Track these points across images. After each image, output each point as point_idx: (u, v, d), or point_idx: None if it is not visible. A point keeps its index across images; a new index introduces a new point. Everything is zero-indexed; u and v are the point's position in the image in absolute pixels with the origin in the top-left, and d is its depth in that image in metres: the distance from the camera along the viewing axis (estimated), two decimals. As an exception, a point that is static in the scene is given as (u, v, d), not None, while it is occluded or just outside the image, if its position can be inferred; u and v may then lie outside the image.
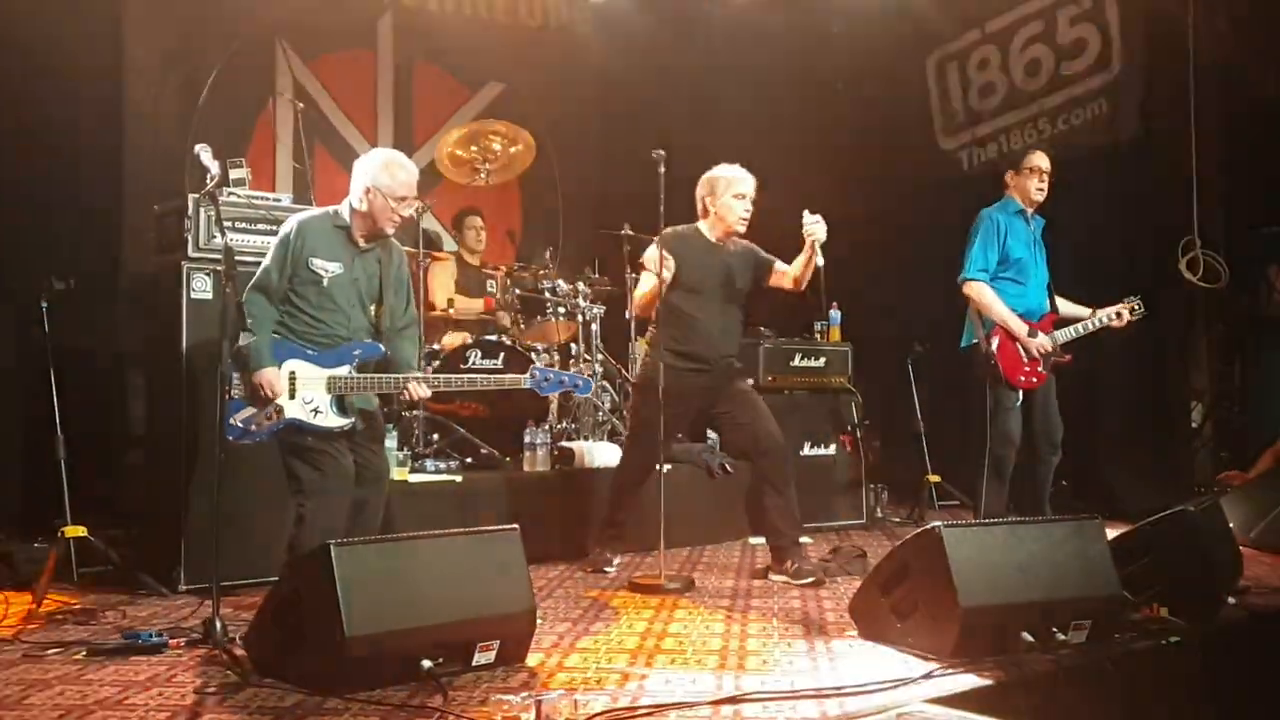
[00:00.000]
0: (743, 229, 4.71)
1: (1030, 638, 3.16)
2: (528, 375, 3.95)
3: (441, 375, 3.99)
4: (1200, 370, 6.71)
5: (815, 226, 4.51)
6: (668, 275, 4.52)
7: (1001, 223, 4.97)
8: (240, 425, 3.68)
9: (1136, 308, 5.14)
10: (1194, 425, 6.69)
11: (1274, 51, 6.53)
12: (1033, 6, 7.25)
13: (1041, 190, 5.01)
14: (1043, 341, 4.87)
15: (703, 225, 4.74)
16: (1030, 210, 5.06)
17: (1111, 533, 3.70)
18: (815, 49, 8.04)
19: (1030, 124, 7.26)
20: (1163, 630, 3.40)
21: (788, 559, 4.58)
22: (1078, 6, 6.98)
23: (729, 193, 4.66)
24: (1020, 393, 4.87)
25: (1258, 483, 5.68)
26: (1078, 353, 5.02)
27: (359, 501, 3.81)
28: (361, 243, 3.83)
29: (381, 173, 3.75)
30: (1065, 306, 5.13)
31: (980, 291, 4.90)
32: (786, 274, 4.71)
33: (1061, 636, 3.21)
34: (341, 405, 3.75)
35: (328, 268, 3.75)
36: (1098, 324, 5.06)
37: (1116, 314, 5.09)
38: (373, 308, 3.90)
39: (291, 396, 3.69)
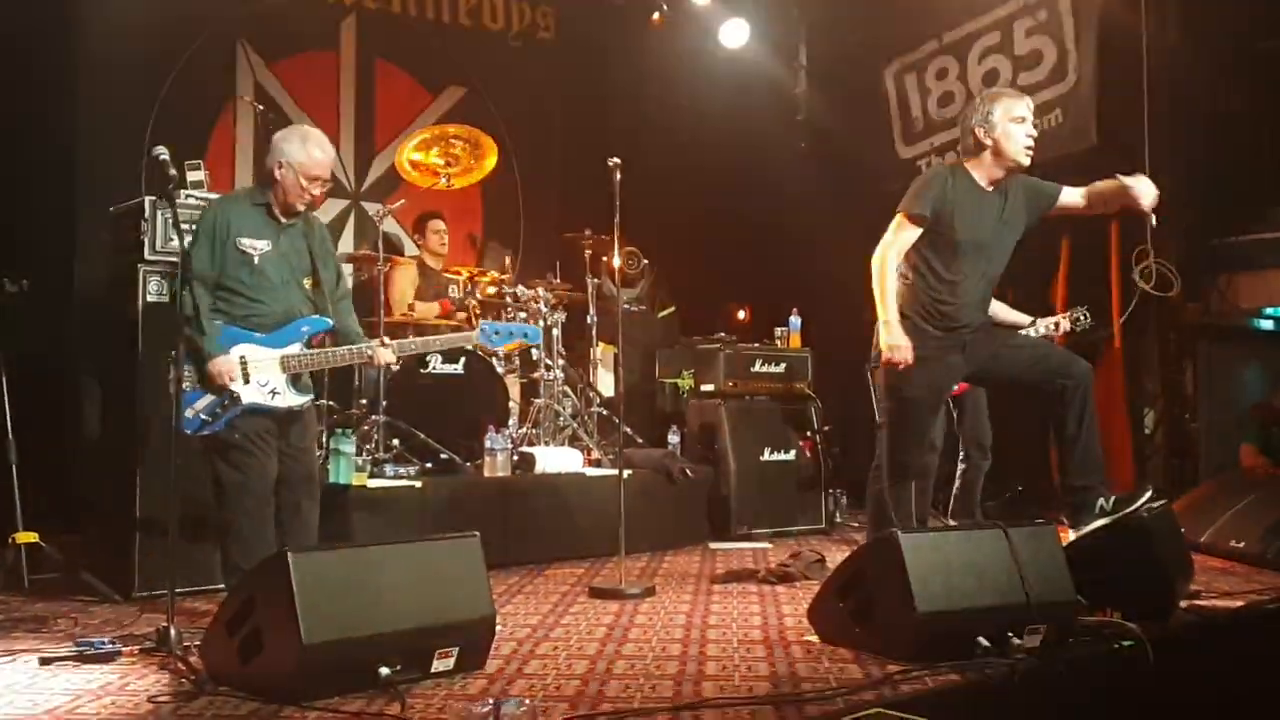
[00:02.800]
0: (1027, 161, 3.95)
1: (986, 642, 3.19)
2: (477, 330, 3.97)
3: (400, 341, 3.95)
4: (1152, 377, 6.83)
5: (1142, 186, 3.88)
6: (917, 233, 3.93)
7: None
8: (198, 417, 3.64)
9: (1081, 319, 5.20)
10: (1147, 432, 6.80)
11: (1225, 64, 6.66)
12: (989, 18, 7.34)
13: None
14: None
15: (971, 166, 4.00)
16: None
17: (1066, 538, 3.76)
18: (776, 56, 8.11)
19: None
20: (1117, 635, 3.44)
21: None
22: (1034, 19, 7.08)
23: (1006, 118, 3.92)
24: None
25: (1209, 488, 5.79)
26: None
27: (292, 505, 3.81)
28: (283, 219, 3.81)
29: (298, 149, 3.74)
30: (1004, 313, 5.16)
31: None
32: (1080, 194, 4.05)
33: (1017, 641, 3.24)
34: (297, 383, 3.76)
35: (256, 245, 3.72)
36: (1036, 333, 5.12)
37: (1055, 324, 5.15)
38: (307, 283, 3.86)
39: (245, 381, 3.66)
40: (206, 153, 6.54)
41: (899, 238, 3.97)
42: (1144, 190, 3.87)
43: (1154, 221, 3.93)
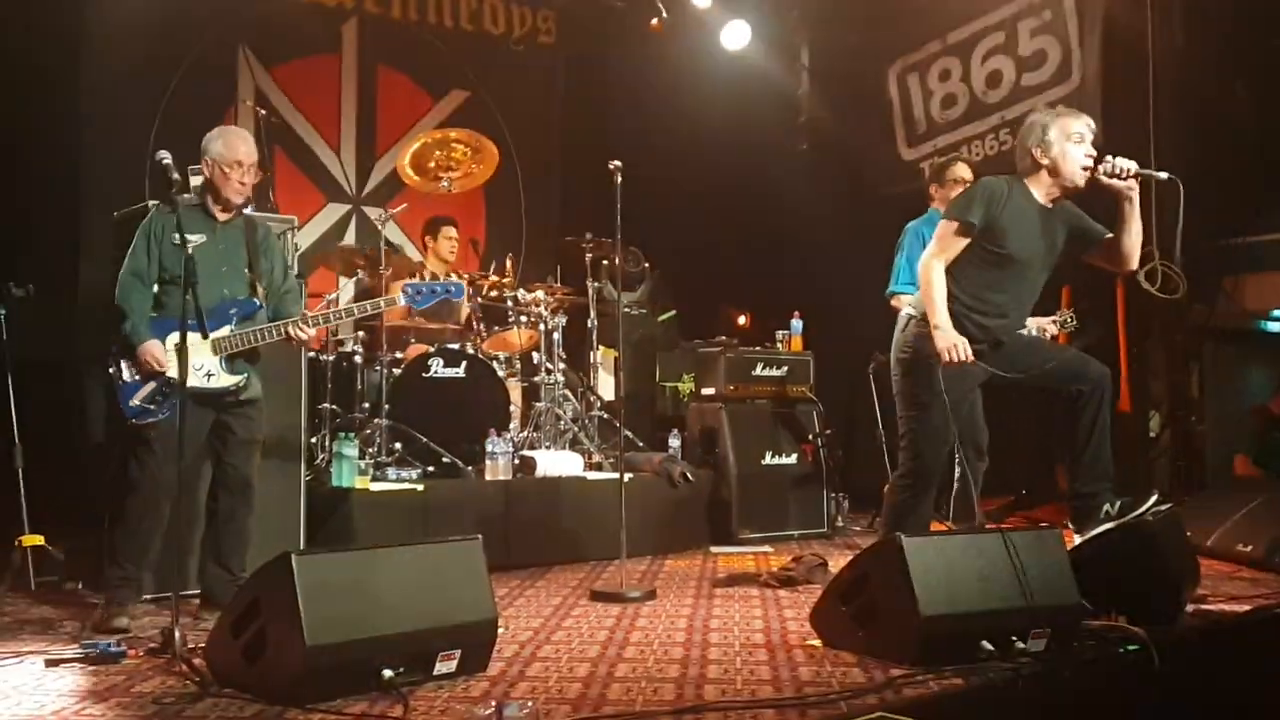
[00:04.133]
0: (1083, 182, 3.85)
1: (990, 646, 3.18)
2: (399, 294, 4.06)
3: (319, 313, 4.02)
4: (1158, 380, 6.81)
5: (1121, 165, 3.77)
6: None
7: (925, 235, 4.96)
8: (139, 405, 3.76)
9: (1067, 321, 5.21)
10: (1152, 435, 6.78)
11: (1231, 63, 6.65)
12: (993, 18, 7.34)
13: None
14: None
15: (1030, 183, 3.93)
16: None
17: (1070, 542, 3.75)
18: (778, 57, 8.11)
19: (991, 134, 7.35)
20: (1121, 639, 3.43)
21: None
22: (1038, 19, 7.08)
23: (1064, 138, 3.83)
24: None
25: (1213, 491, 5.78)
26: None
27: (227, 511, 3.94)
28: (219, 215, 3.97)
29: (217, 144, 3.94)
30: None
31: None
32: (1114, 254, 3.95)
33: (1021, 645, 3.23)
34: (232, 365, 3.87)
35: (190, 239, 3.76)
36: (1027, 334, 5.11)
37: (1042, 328, 5.15)
38: (248, 274, 3.98)
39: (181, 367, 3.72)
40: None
41: (947, 247, 3.91)
42: (1120, 165, 3.77)
43: (1163, 175, 3.83)
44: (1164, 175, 3.82)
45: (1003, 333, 3.99)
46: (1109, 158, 3.82)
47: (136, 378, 3.77)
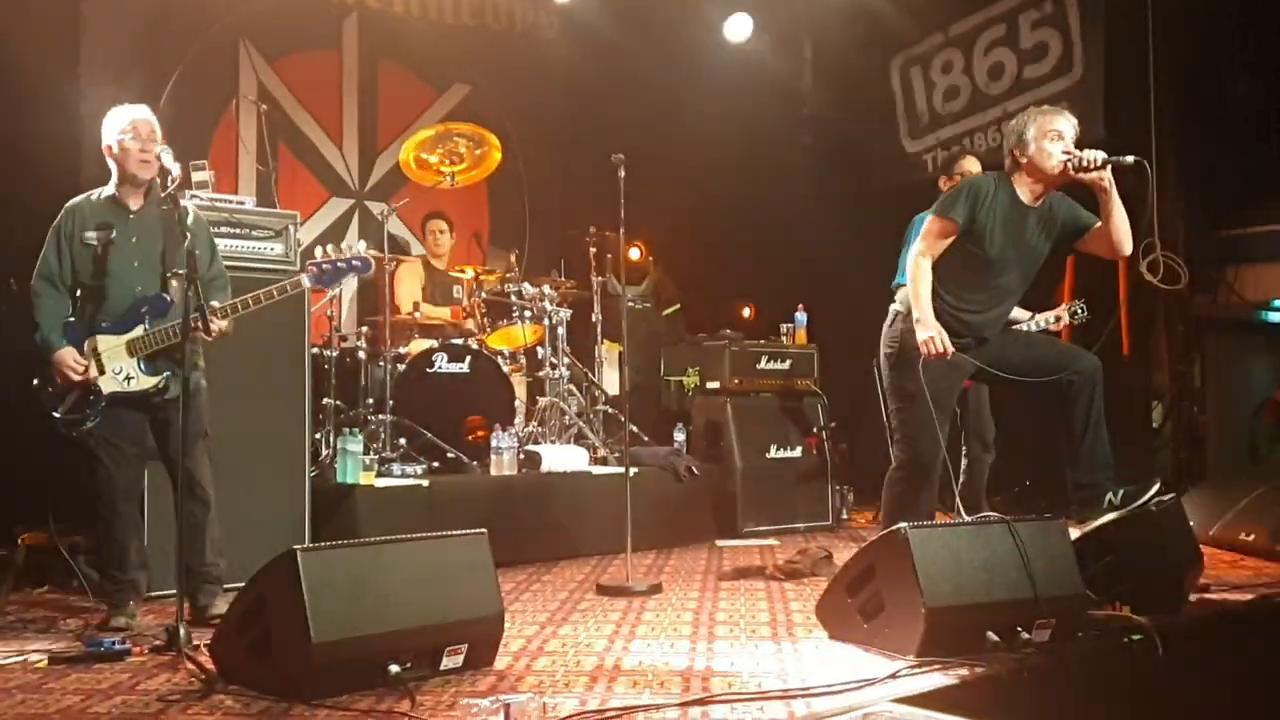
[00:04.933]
0: (1058, 176, 3.88)
1: (995, 637, 3.19)
2: (304, 274, 3.87)
3: (228, 304, 3.78)
4: (1160, 371, 6.81)
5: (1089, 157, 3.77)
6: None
7: None
8: (69, 415, 3.69)
9: (1078, 312, 5.21)
10: (1155, 425, 6.79)
11: (1232, 55, 6.64)
12: (995, 10, 7.33)
13: None
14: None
15: (1015, 181, 3.96)
16: None
17: (1074, 532, 3.75)
18: (781, 50, 8.10)
19: (994, 126, 7.33)
20: (1125, 628, 3.44)
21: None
22: (1039, 11, 7.07)
23: (1042, 136, 3.87)
24: None
25: (1216, 480, 5.78)
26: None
27: (185, 513, 3.63)
28: (131, 204, 3.81)
29: (110, 122, 3.79)
30: None
31: None
32: (1105, 242, 3.96)
33: (1025, 635, 3.24)
34: (152, 365, 3.72)
35: (98, 236, 3.74)
36: (1036, 327, 5.12)
37: (1056, 318, 5.16)
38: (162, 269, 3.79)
39: (101, 372, 3.69)
40: (210, 152, 6.54)
41: (933, 244, 3.96)
42: (1088, 157, 3.78)
43: (1130, 159, 3.81)
44: (1131, 160, 3.84)
45: (986, 328, 4.03)
46: (1077, 152, 3.84)
47: (57, 390, 3.69)
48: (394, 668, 2.88)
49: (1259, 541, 4.85)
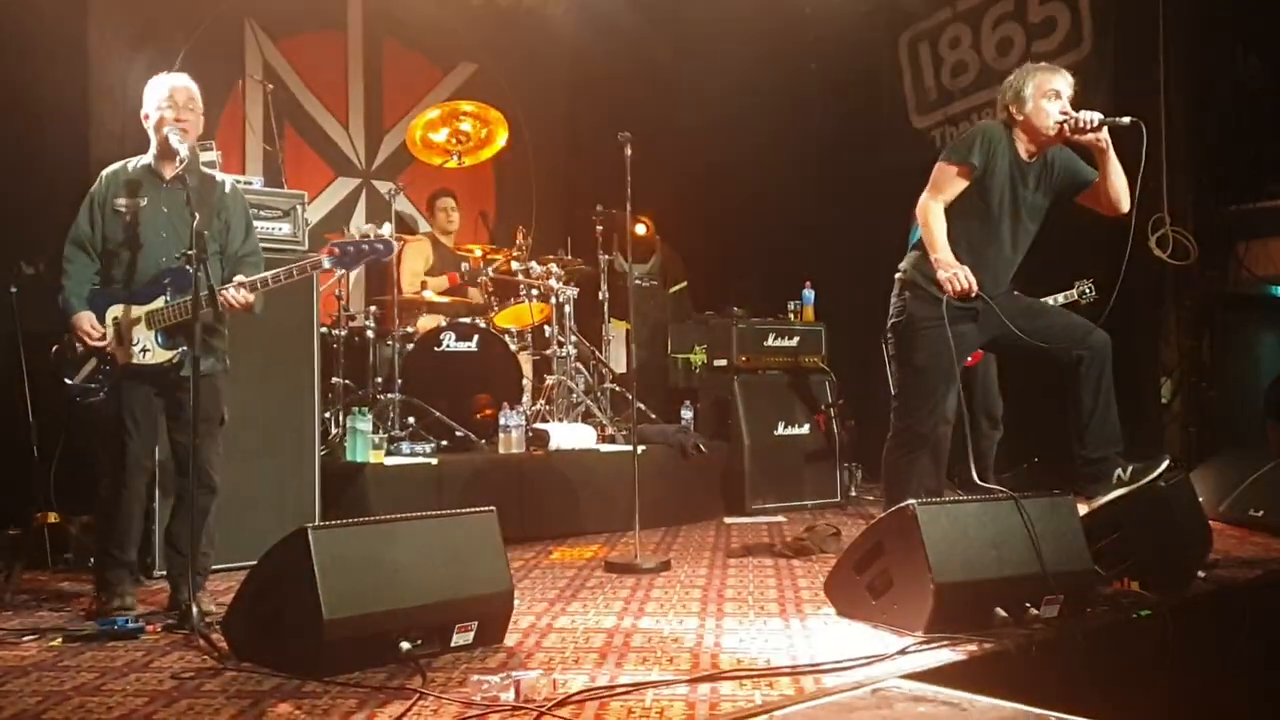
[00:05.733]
0: (1054, 134, 3.88)
1: (1004, 613, 3.20)
2: (325, 256, 3.76)
3: (253, 279, 3.67)
4: (1170, 346, 6.78)
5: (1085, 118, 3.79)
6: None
7: None
8: (80, 383, 3.62)
9: (1086, 292, 5.21)
10: (1164, 401, 6.77)
11: (1241, 29, 6.58)
12: (1003, -15, 7.27)
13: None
14: None
15: (1014, 136, 3.96)
16: None
17: (1083, 508, 3.76)
18: (787, 29, 8.04)
19: (1001, 103, 7.28)
20: (1134, 604, 3.45)
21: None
22: (1047, -16, 7.01)
23: (1040, 95, 3.87)
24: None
25: (1225, 457, 5.77)
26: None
27: (180, 493, 3.68)
28: (165, 173, 3.73)
29: (150, 92, 3.73)
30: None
31: None
32: (1103, 198, 3.97)
33: (1034, 611, 3.25)
34: (169, 339, 3.62)
35: (131, 203, 3.67)
36: None
37: (1065, 297, 5.15)
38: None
39: (121, 343, 3.62)
40: (217, 132, 6.53)
41: (945, 188, 3.90)
42: (1085, 118, 3.79)
43: (1125, 120, 3.82)
44: (1126, 120, 3.84)
45: (991, 286, 3.96)
46: (1074, 113, 3.84)
47: (77, 354, 3.63)
48: (405, 644, 2.91)
49: (1267, 518, 4.85)
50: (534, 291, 6.21)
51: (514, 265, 6.24)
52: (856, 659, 2.95)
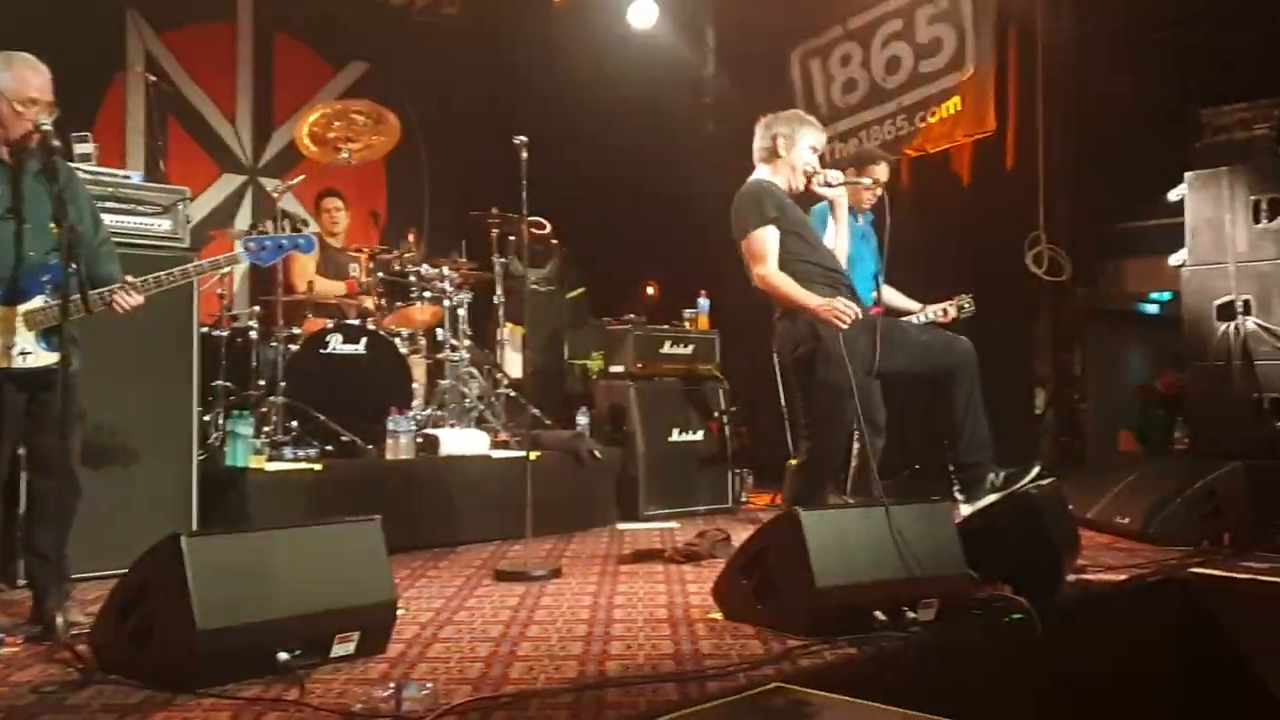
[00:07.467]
0: (802, 187, 4.39)
1: (882, 616, 3.27)
2: (241, 249, 3.61)
3: (149, 276, 3.47)
4: (1043, 359, 7.05)
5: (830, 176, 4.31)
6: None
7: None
8: None
9: (965, 306, 5.38)
10: (1037, 411, 7.03)
11: (1118, 55, 6.88)
12: (892, 5, 7.46)
13: (871, 199, 5.18)
14: None
15: (769, 171, 4.41)
16: (858, 209, 5.22)
17: (959, 514, 3.87)
18: (686, 37, 8.13)
19: (889, 120, 7.48)
20: (1006, 608, 3.56)
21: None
22: (935, 6, 7.22)
23: (805, 143, 4.32)
24: None
25: (1094, 465, 6.02)
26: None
27: (45, 495, 3.47)
28: (6, 157, 3.42)
29: (4, 77, 3.41)
30: (895, 299, 5.31)
31: None
32: None
33: (912, 615, 3.33)
34: (50, 339, 3.37)
35: None
36: (924, 319, 5.26)
37: (944, 310, 5.32)
38: (54, 229, 3.38)
39: None
40: (95, 125, 6.29)
41: (770, 252, 4.19)
42: (830, 176, 4.34)
43: (866, 181, 4.46)
44: (868, 181, 4.18)
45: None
46: (821, 170, 4.25)
47: None
48: (283, 655, 2.83)
49: (1133, 524, 5.04)
50: (425, 293, 6.13)
51: (406, 266, 6.15)
52: (739, 664, 2.99)
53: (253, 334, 5.56)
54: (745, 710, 2.61)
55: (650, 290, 8.17)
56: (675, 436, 6.37)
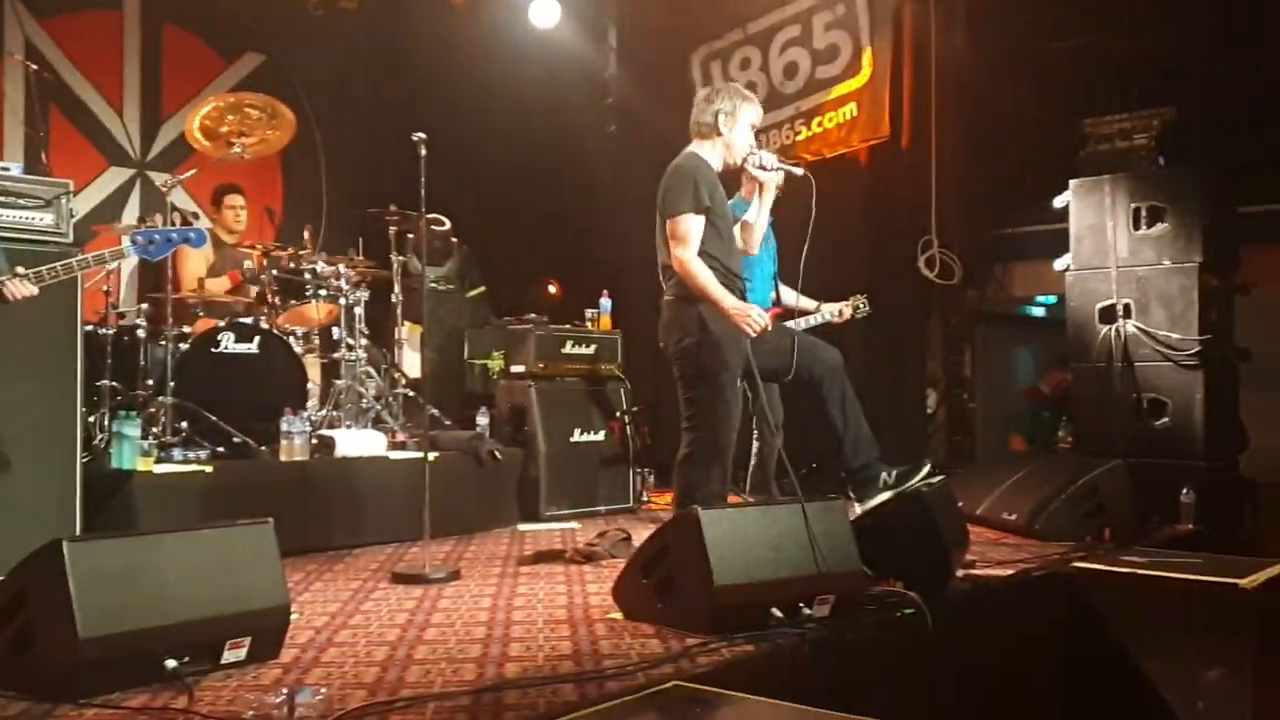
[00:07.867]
0: (738, 163, 4.41)
1: (779, 613, 3.32)
2: (128, 243, 3.52)
3: (29, 271, 3.42)
4: (935, 360, 7.26)
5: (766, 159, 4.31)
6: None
7: (739, 211, 5.12)
8: None
9: (860, 306, 5.51)
10: (929, 411, 7.23)
11: (1007, 64, 7.12)
12: (790, 10, 7.58)
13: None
14: None
15: (707, 148, 4.39)
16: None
17: (853, 512, 3.95)
18: (588, 37, 8.13)
19: (787, 125, 7.60)
20: (899, 603, 3.65)
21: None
22: (832, 13, 7.36)
23: (745, 121, 4.34)
24: None
25: (982, 463, 6.22)
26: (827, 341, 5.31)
27: None
28: None
29: None
30: (792, 299, 5.41)
31: None
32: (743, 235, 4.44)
33: (808, 611, 3.38)
34: None
35: None
36: (821, 319, 5.38)
37: (839, 311, 5.44)
38: None
39: None
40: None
41: (693, 237, 4.14)
42: (765, 159, 4.34)
43: (799, 171, 4.27)
44: (800, 171, 4.26)
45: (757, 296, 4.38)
46: (757, 150, 4.26)
47: None
48: (170, 662, 2.75)
49: (1019, 521, 5.20)
50: (321, 291, 6.00)
51: (301, 264, 6.02)
52: (638, 663, 3.00)
53: (140, 332, 5.38)
54: (643, 709, 2.62)
55: (552, 290, 8.15)
56: (577, 437, 6.36)
